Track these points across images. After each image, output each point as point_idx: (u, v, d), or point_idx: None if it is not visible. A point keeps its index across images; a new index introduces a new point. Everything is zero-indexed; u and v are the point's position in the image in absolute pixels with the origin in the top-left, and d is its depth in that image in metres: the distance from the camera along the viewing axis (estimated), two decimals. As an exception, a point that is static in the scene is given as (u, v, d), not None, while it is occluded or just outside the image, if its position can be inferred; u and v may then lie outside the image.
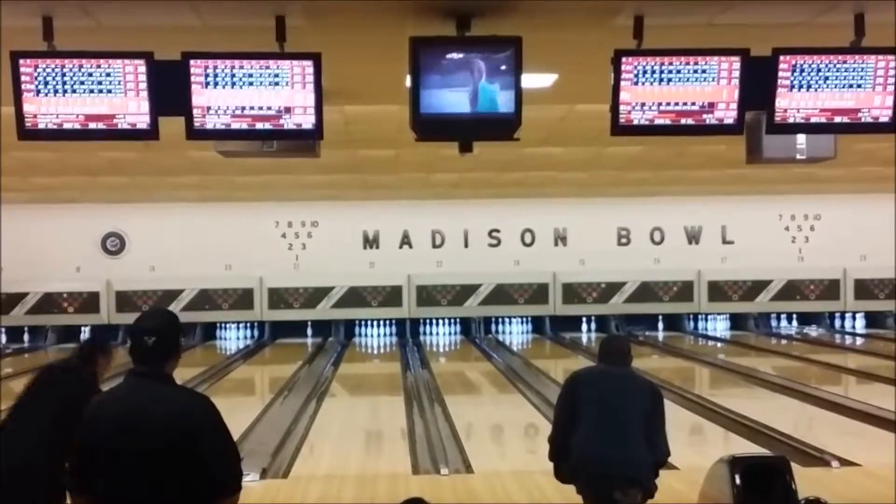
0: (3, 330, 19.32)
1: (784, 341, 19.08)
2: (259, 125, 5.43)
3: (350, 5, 5.34)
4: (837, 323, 20.74)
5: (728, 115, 5.48)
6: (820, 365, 15.13)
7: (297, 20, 5.43)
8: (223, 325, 20.13)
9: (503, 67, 5.32)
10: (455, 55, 5.31)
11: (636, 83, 5.40)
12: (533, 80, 6.76)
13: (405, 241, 19.71)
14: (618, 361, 5.32)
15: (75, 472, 3.52)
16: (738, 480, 4.79)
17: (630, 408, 5.09)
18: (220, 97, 5.36)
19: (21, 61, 5.32)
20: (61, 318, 19.21)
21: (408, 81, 5.43)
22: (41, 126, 5.42)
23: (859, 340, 19.40)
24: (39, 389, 4.73)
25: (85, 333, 19.70)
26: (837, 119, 5.55)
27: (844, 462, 7.97)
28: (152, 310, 3.79)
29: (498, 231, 19.82)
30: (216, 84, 5.35)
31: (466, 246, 19.79)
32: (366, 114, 9.56)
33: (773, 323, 20.70)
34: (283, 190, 16.98)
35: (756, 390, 12.90)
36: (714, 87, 5.43)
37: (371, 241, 19.67)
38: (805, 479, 5.16)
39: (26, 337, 19.36)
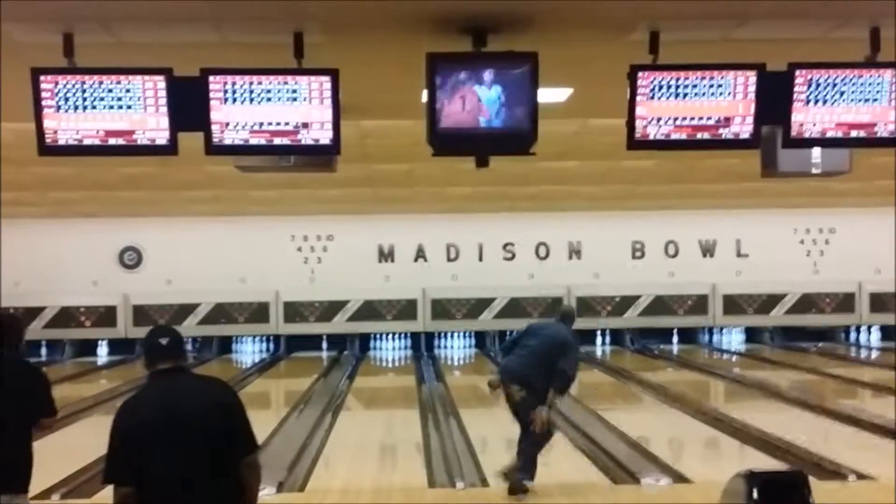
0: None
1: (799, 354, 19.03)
2: (277, 140, 5.47)
3: (367, 21, 5.39)
4: (853, 336, 20.66)
5: (744, 129, 5.50)
6: (835, 378, 15.07)
7: (315, 36, 5.47)
8: (239, 338, 20.19)
9: (519, 82, 5.35)
10: (471, 70, 5.35)
11: (652, 98, 5.42)
12: (548, 95, 6.78)
13: (420, 254, 19.74)
14: (565, 322, 7.87)
15: (120, 466, 3.91)
16: (755, 495, 4.78)
17: (541, 348, 7.53)
18: (238, 113, 5.40)
19: (42, 77, 5.37)
20: (79, 331, 19.31)
21: (424, 97, 5.47)
22: (61, 142, 5.46)
23: (875, 354, 19.32)
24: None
25: (102, 347, 19.81)
26: (853, 133, 5.56)
27: (861, 476, 7.95)
28: (154, 327, 4.23)
29: (512, 244, 19.84)
30: (235, 100, 5.39)
31: (481, 259, 19.81)
32: (381, 128, 9.61)
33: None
34: (298, 204, 17.05)
35: (771, 404, 12.86)
36: (730, 102, 5.44)
37: (386, 255, 19.71)
38: (822, 494, 5.15)
39: (44, 351, 19.44)
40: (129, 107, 5.39)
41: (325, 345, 20.31)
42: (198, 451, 3.91)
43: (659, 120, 5.46)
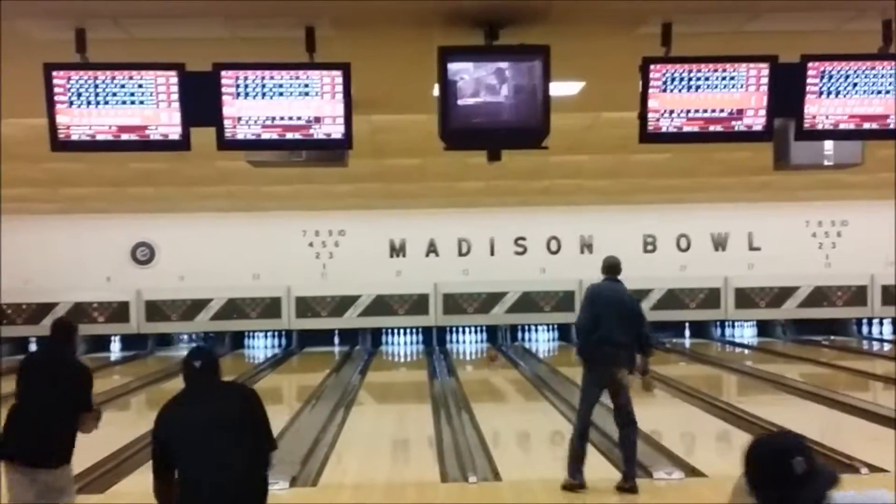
0: (35, 339, 19.50)
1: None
2: (289, 135, 5.48)
3: (379, 15, 5.39)
4: (865, 329, 20.59)
5: (757, 121, 5.48)
6: (848, 371, 15.03)
7: (326, 31, 5.48)
8: (251, 333, 20.22)
9: (531, 76, 5.35)
10: (483, 64, 5.34)
11: (664, 90, 5.41)
12: (560, 88, 6.78)
13: (431, 249, 19.74)
14: (616, 275, 7.88)
15: (160, 462, 4.49)
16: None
17: (629, 324, 7.56)
18: (250, 107, 5.42)
19: (54, 73, 5.39)
20: (92, 327, 19.32)
21: (436, 91, 5.47)
22: (74, 137, 5.49)
23: (887, 346, 19.26)
24: None
25: (115, 342, 19.89)
26: (866, 125, 5.55)
27: (873, 469, 7.93)
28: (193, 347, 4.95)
29: (524, 239, 19.82)
30: (247, 94, 5.40)
31: (492, 254, 19.80)
32: (392, 123, 9.61)
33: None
34: (310, 199, 17.07)
35: (784, 397, 12.84)
36: (742, 94, 5.43)
37: (397, 250, 19.71)
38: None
39: (57, 346, 19.49)
40: (141, 102, 5.41)
41: (336, 340, 20.33)
42: (227, 446, 4.39)
43: (671, 113, 5.45)
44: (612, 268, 7.93)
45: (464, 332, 20.38)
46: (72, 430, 5.64)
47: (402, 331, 20.25)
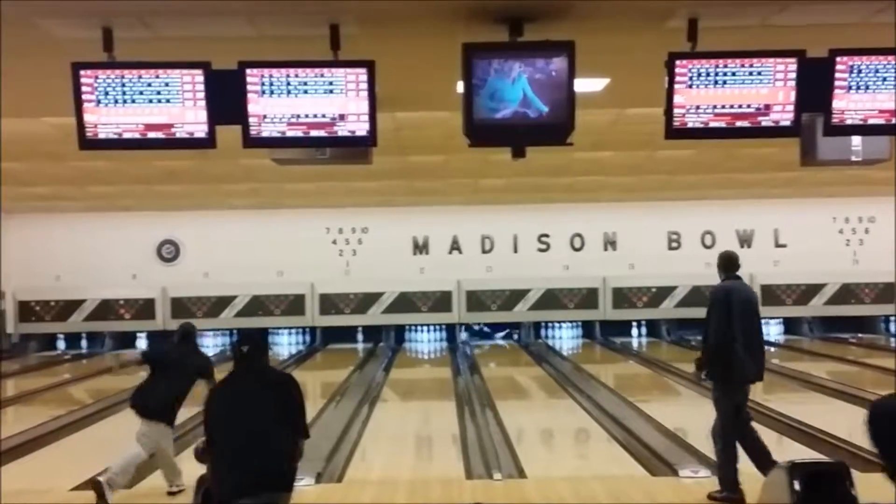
0: (62, 336, 19.66)
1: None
2: (314, 132, 5.49)
3: (403, 13, 5.38)
4: (893, 326, 20.42)
5: (784, 117, 5.45)
6: (876, 369, 14.90)
7: (350, 28, 5.48)
8: (275, 330, 20.31)
9: (556, 72, 5.33)
10: (508, 60, 5.33)
11: (691, 86, 5.38)
12: (584, 85, 6.75)
13: (455, 246, 19.74)
14: (736, 271, 7.24)
15: (209, 437, 4.82)
16: (797, 486, 4.75)
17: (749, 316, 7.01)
18: (275, 105, 5.43)
19: (82, 72, 5.43)
20: (118, 324, 19.51)
21: (460, 87, 5.45)
22: (101, 136, 5.52)
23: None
24: None
25: (141, 339, 20.03)
26: (895, 120, 5.49)
27: (904, 467, 7.84)
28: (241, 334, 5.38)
29: (547, 236, 19.79)
30: (272, 92, 5.42)
31: (516, 251, 19.78)
32: (416, 120, 9.61)
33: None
34: (333, 197, 17.11)
35: (811, 395, 12.74)
36: (770, 89, 5.39)
37: (421, 247, 19.73)
38: (863, 485, 5.10)
39: (84, 343, 19.69)
40: (167, 100, 5.44)
41: (360, 336, 20.38)
42: (261, 427, 4.69)
43: (698, 108, 5.42)
44: (733, 264, 7.22)
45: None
46: (179, 397, 7.27)
47: (425, 327, 20.27)
